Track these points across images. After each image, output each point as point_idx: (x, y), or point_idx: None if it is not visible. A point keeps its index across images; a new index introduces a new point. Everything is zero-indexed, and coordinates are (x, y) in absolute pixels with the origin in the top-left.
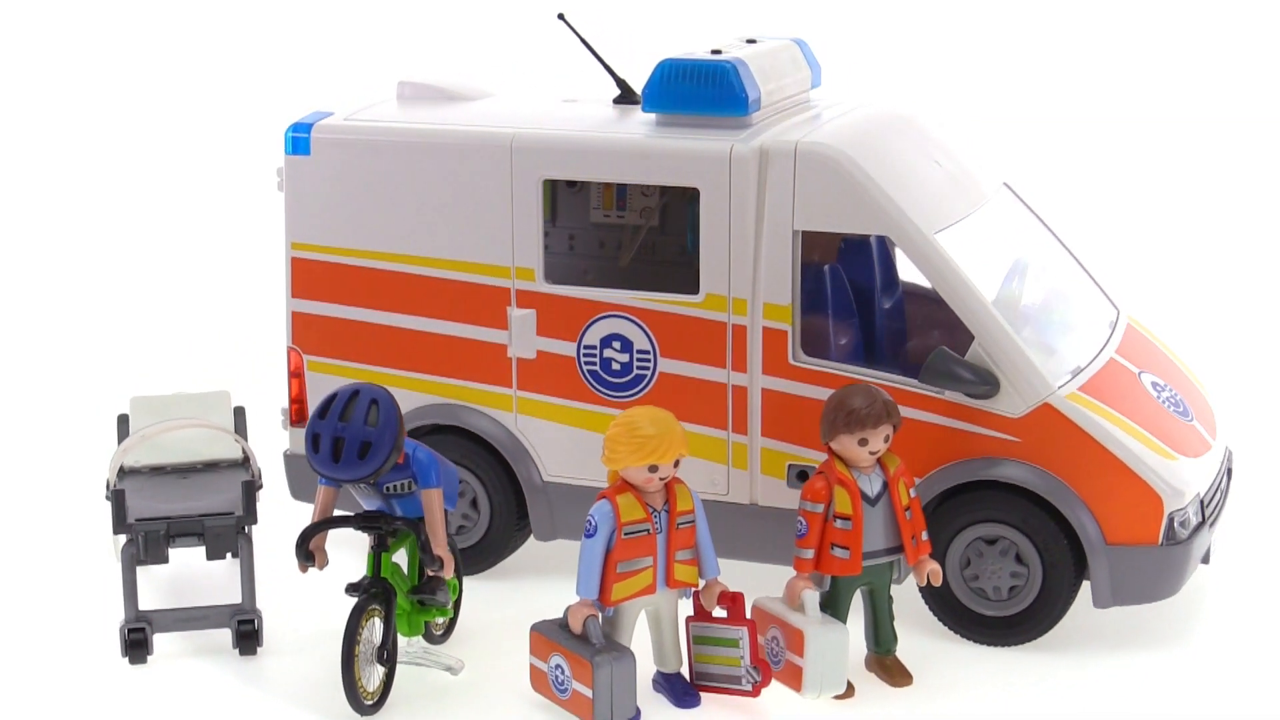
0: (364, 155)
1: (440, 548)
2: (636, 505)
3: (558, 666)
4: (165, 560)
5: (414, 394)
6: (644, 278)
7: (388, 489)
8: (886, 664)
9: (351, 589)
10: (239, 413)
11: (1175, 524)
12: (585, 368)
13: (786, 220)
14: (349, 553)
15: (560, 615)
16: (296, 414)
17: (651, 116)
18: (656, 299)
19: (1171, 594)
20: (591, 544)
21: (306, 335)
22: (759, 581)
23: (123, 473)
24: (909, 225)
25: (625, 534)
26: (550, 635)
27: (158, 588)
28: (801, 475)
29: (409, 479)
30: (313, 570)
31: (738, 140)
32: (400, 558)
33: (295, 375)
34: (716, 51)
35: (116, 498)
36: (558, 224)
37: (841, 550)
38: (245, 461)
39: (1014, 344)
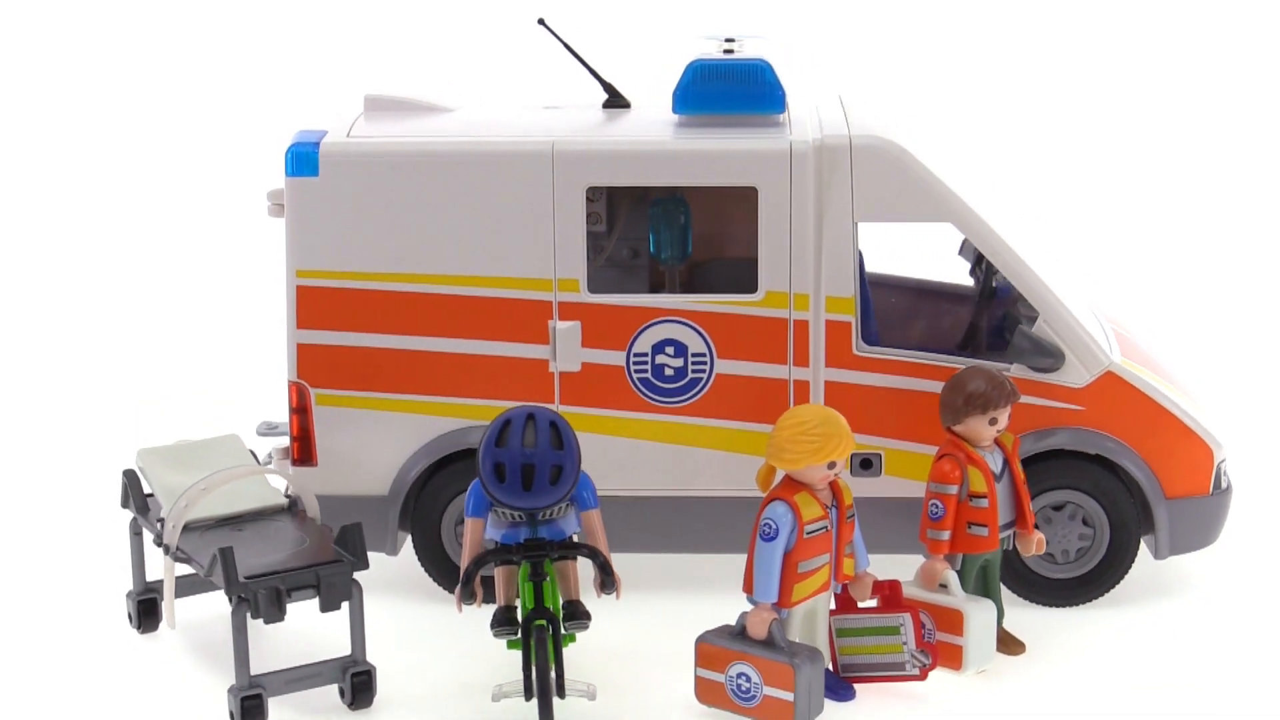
0: (381, 172)
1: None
2: (813, 503)
3: (741, 675)
4: (282, 618)
5: (444, 419)
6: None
7: (543, 515)
8: (1000, 635)
9: (505, 624)
10: (252, 456)
11: (1221, 473)
12: (635, 376)
13: (846, 213)
14: None
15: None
16: (300, 452)
17: (674, 117)
18: (713, 300)
19: (1215, 540)
20: (772, 547)
21: (314, 368)
22: None
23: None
24: (968, 212)
25: (807, 533)
26: (726, 645)
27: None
28: (865, 464)
29: (566, 502)
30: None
31: (787, 137)
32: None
33: (299, 411)
34: (729, 51)
35: (224, 556)
36: None
37: (980, 528)
38: (292, 506)
39: (1075, 319)
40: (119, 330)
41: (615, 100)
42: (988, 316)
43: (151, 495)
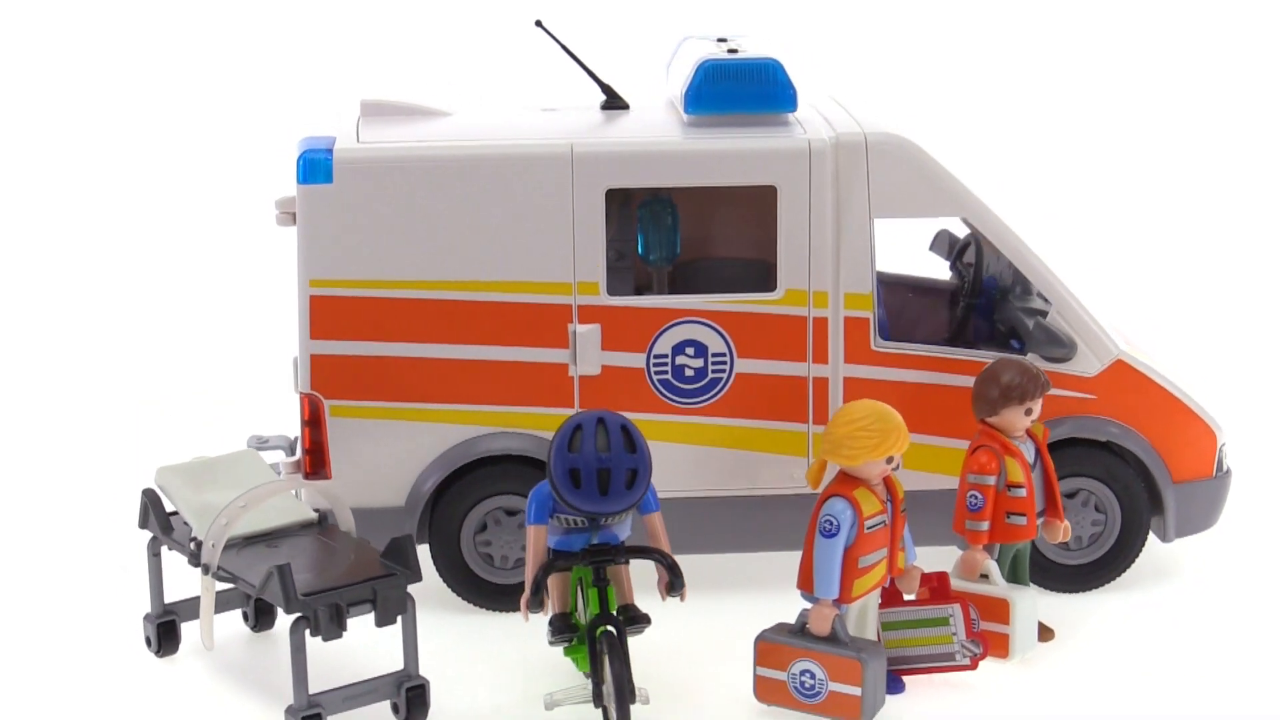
0: (397, 178)
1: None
2: (872, 498)
3: (805, 672)
4: (340, 635)
5: (461, 428)
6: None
7: (605, 520)
8: None
9: (564, 630)
10: (272, 471)
11: (1223, 455)
12: (655, 377)
13: (863, 210)
14: None
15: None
16: (312, 465)
17: (684, 117)
18: (733, 300)
19: (1216, 522)
20: (833, 544)
21: (328, 379)
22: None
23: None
24: (981, 206)
25: (868, 528)
26: (789, 642)
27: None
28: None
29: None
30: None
31: (805, 135)
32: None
33: (311, 423)
34: (734, 51)
35: (282, 574)
36: None
37: (1018, 517)
38: (321, 520)
39: (1085, 310)
40: (120, 331)
41: (613, 101)
42: (979, 309)
43: (174, 514)
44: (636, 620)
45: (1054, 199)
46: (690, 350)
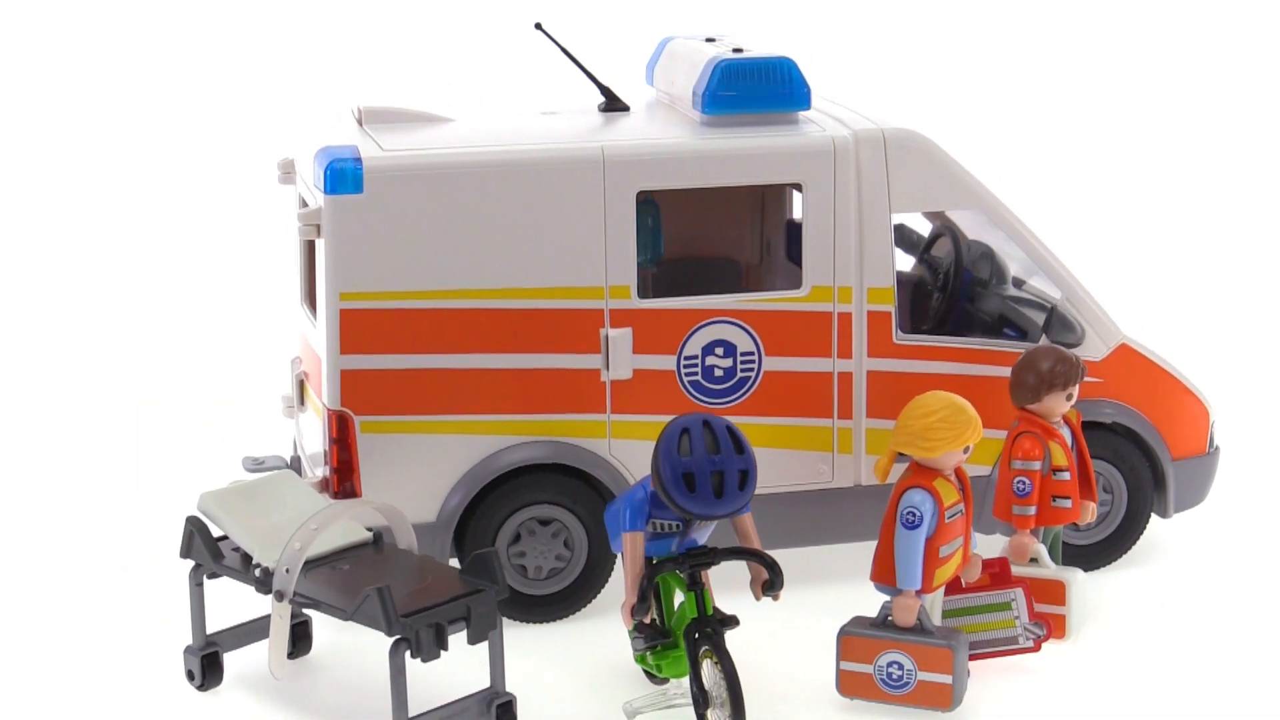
0: (428, 185)
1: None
2: (950, 487)
3: (893, 663)
4: (439, 654)
5: (493, 438)
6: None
7: (696, 524)
8: None
9: (655, 635)
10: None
11: (1213, 432)
12: (686, 379)
13: (883, 204)
14: None
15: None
16: (340, 484)
17: (697, 116)
18: (761, 299)
19: (1206, 497)
20: (916, 535)
21: (359, 395)
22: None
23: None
24: (993, 198)
25: (948, 517)
26: (875, 635)
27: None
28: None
29: None
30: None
31: (828, 132)
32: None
33: (339, 441)
34: (739, 50)
35: (382, 596)
36: None
37: (1063, 500)
38: (377, 540)
39: (1091, 297)
40: (120, 331)
41: (613, 104)
42: (959, 299)
43: (223, 539)
44: (726, 622)
45: (1028, 193)
46: (720, 350)
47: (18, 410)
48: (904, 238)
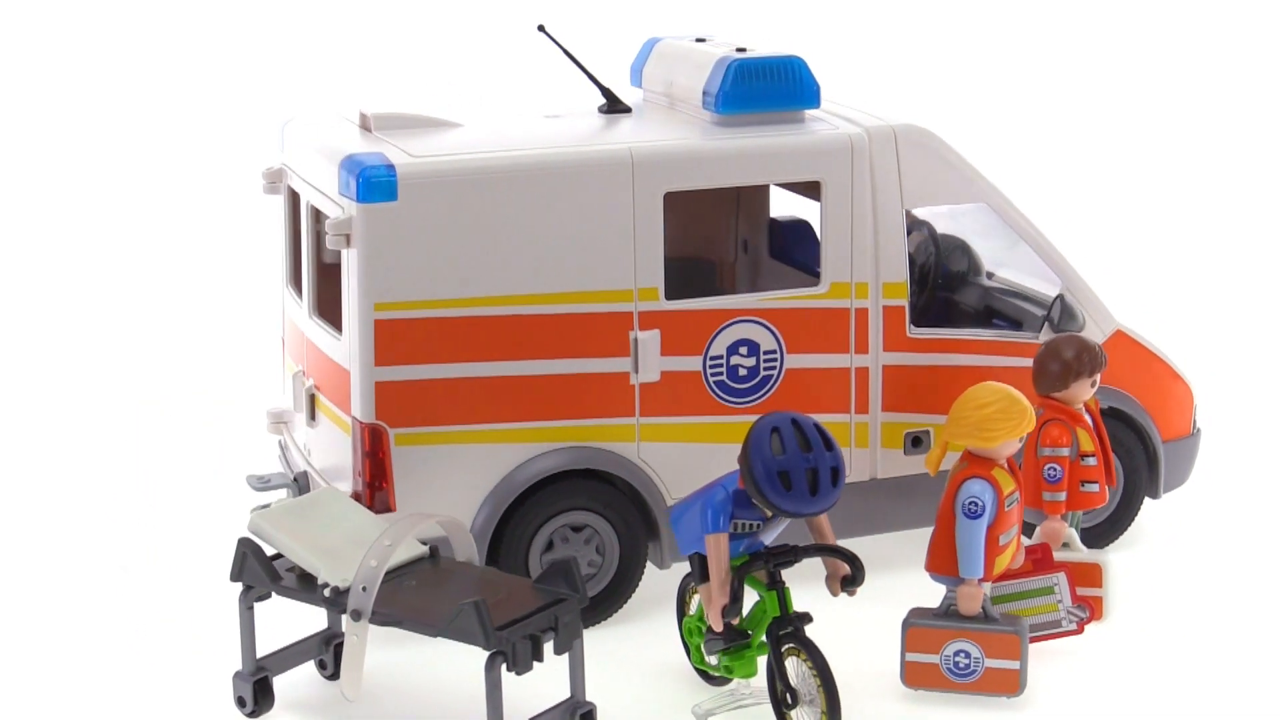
0: (462, 191)
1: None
2: (1007, 476)
3: (960, 652)
4: (531, 667)
5: (525, 445)
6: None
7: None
8: None
9: (736, 636)
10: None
11: (1196, 414)
12: (712, 379)
13: (895, 199)
14: None
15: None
16: (372, 499)
17: (713, 116)
18: (782, 297)
19: (1189, 477)
20: (979, 524)
21: (394, 407)
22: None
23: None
24: (998, 193)
25: (1007, 505)
26: (941, 625)
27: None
28: (916, 441)
29: None
30: None
31: (844, 129)
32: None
33: (372, 455)
34: (743, 50)
35: (479, 610)
36: None
37: (1092, 485)
38: (434, 553)
39: (1088, 286)
40: (119, 331)
41: (614, 105)
42: (939, 292)
43: (278, 557)
44: (804, 619)
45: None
46: (744, 350)
47: (18, 410)
48: None
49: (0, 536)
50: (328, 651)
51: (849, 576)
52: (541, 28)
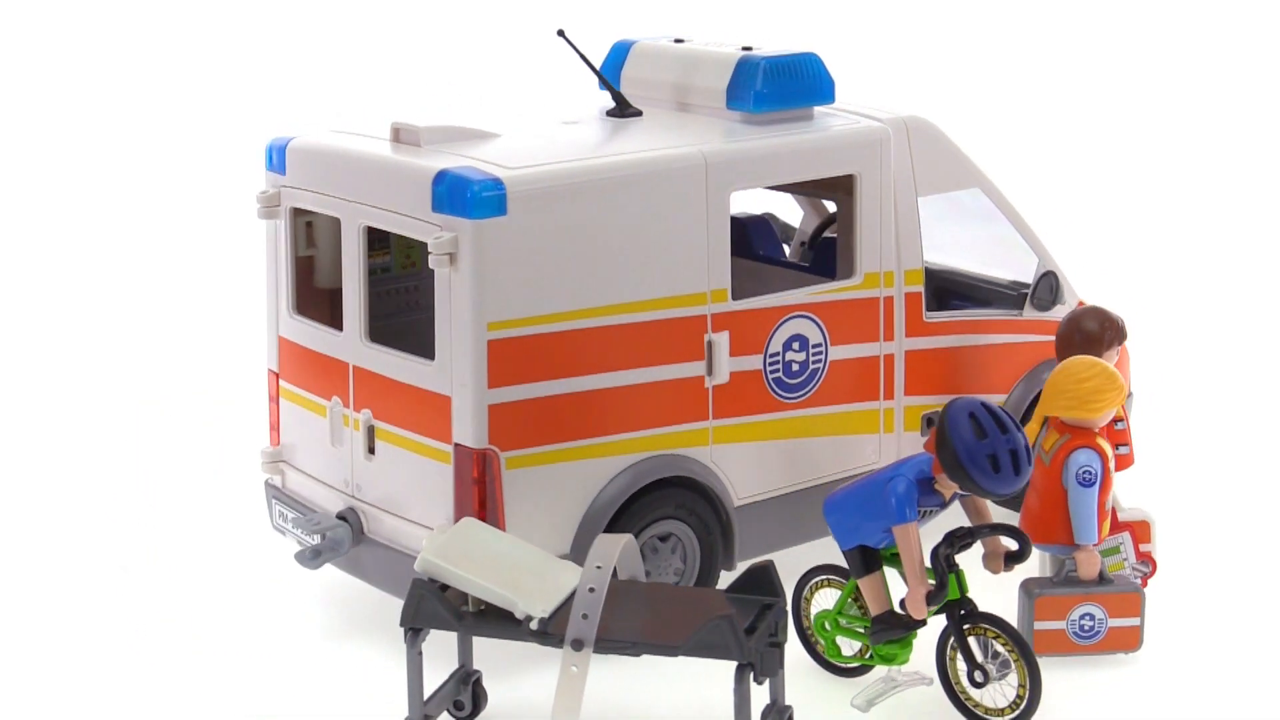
0: (565, 202)
1: None
2: (1106, 443)
3: (1085, 615)
4: (778, 673)
5: (616, 458)
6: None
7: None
8: None
9: (896, 627)
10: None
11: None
12: (770, 376)
13: (911, 189)
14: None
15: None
16: None
17: (740, 115)
18: (826, 290)
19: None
20: (1093, 492)
21: (505, 430)
22: None
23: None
24: (988, 179)
25: (1113, 472)
26: (1068, 592)
27: None
28: (930, 422)
29: None
30: None
31: (874, 123)
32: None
33: (481, 481)
34: (748, 49)
35: (732, 624)
36: None
37: (1123, 447)
38: None
39: (1059, 266)
40: (119, 331)
41: (624, 109)
42: None
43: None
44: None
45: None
46: (796, 345)
47: (18, 410)
48: (782, 229)
49: (1, 537)
50: (465, 690)
51: (1013, 553)
52: (561, 32)
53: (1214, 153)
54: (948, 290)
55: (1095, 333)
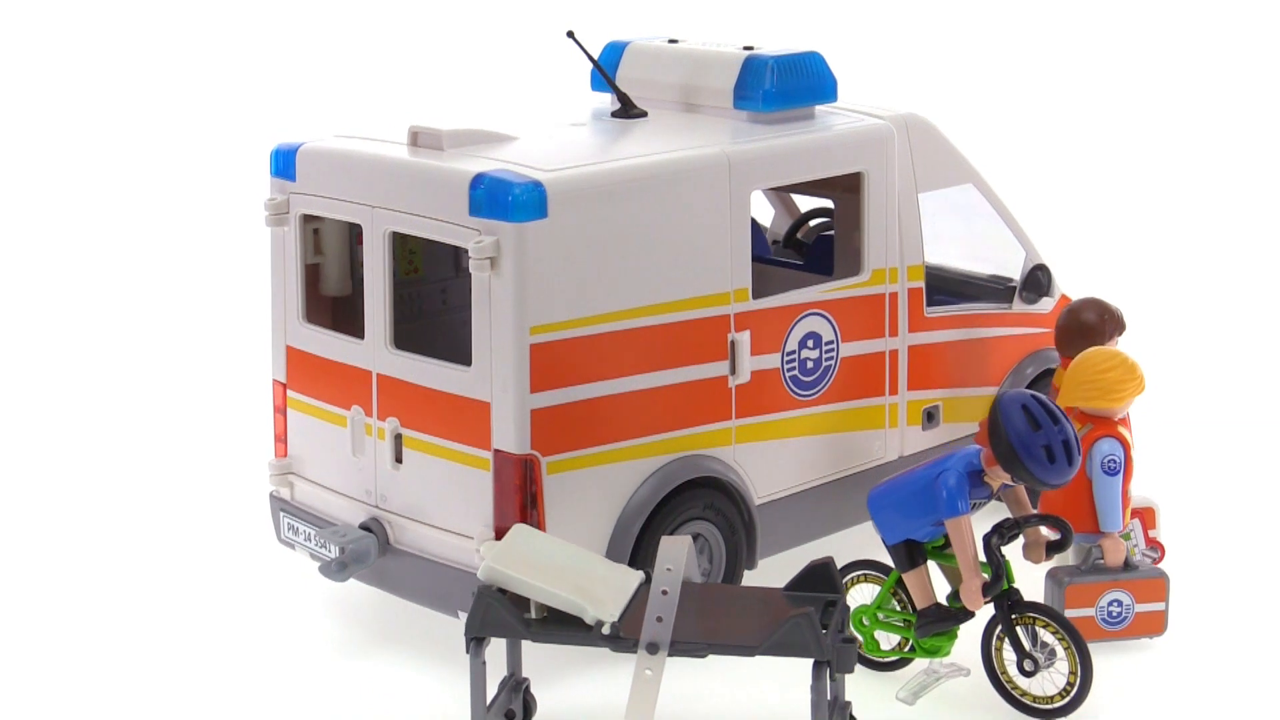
0: (603, 203)
1: None
2: (1128, 432)
3: (1113, 602)
4: (853, 669)
5: (646, 461)
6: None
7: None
8: None
9: (941, 620)
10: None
11: None
12: (788, 374)
13: (911, 186)
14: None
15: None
16: None
17: (744, 114)
18: (837, 287)
19: None
20: (1117, 480)
21: (547, 435)
22: None
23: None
24: (979, 176)
25: (1133, 461)
26: (1094, 580)
27: None
28: (929, 416)
29: None
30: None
31: (879, 120)
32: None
33: (523, 488)
34: (749, 48)
35: (811, 621)
36: None
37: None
38: (649, 578)
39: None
40: (119, 331)
41: (630, 110)
42: None
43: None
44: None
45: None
46: (810, 343)
47: (18, 410)
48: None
49: (1, 537)
50: (517, 699)
51: (1054, 542)
52: (570, 34)
53: (1205, 148)
54: (933, 286)
55: (1095, 324)
